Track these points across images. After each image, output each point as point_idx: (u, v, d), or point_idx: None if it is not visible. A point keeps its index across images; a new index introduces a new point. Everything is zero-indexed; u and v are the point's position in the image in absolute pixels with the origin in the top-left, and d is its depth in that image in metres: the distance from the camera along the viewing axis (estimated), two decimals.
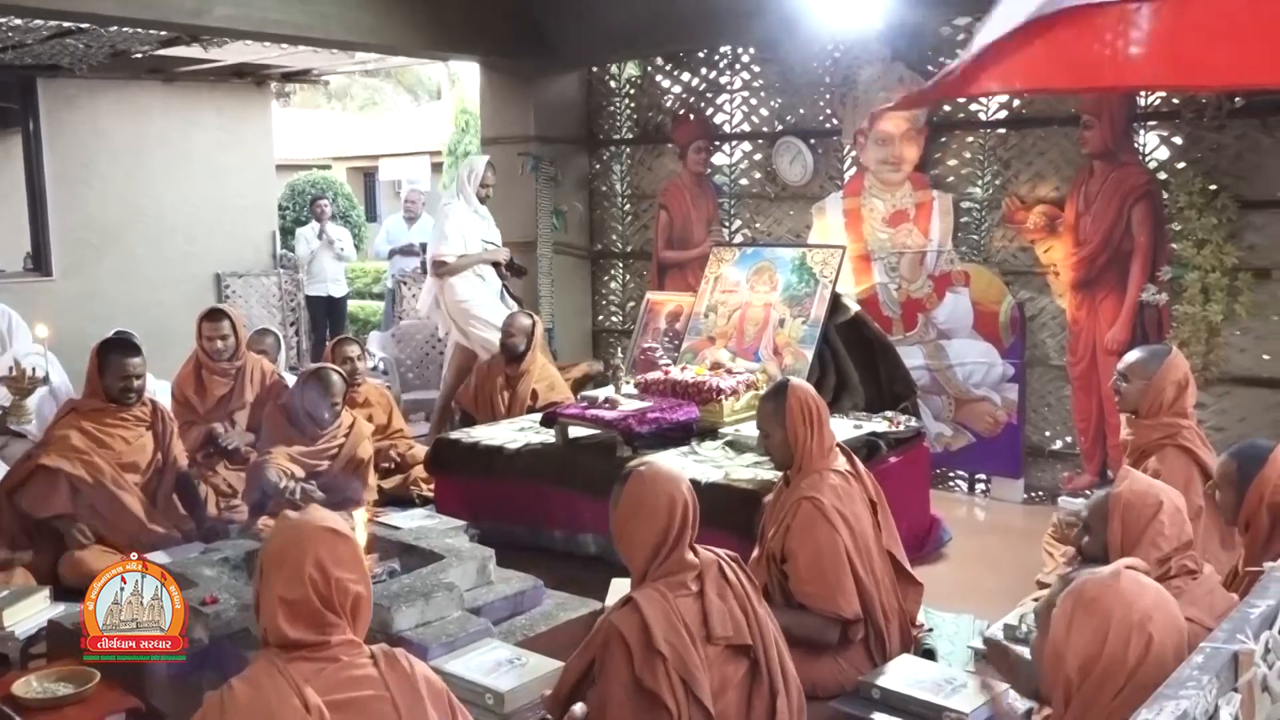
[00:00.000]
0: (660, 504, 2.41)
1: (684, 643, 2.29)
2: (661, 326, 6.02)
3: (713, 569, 2.44)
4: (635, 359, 5.94)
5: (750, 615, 2.42)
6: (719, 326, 5.39)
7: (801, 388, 3.19)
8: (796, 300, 5.16)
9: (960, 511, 5.38)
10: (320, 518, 1.91)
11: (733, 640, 2.37)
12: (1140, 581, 1.71)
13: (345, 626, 1.84)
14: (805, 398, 3.15)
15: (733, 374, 4.82)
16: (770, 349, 5.14)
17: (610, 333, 7.38)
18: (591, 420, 4.44)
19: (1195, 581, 2.33)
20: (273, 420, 4.68)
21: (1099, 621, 1.66)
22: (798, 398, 3.15)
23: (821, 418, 3.15)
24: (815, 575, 2.95)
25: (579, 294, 7.30)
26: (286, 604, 1.80)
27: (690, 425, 4.49)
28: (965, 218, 5.64)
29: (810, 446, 3.10)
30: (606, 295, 7.38)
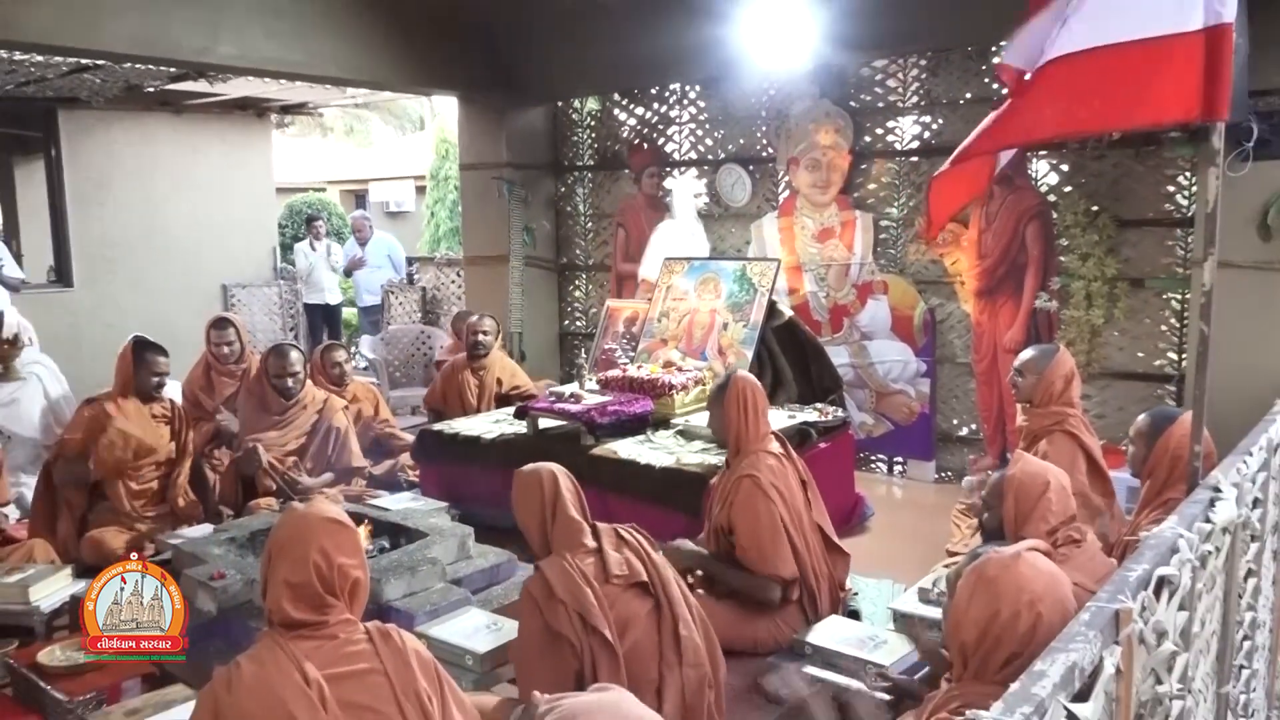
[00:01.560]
0: (532, 483, 2.51)
1: (579, 588, 2.35)
2: (620, 330, 6.02)
3: (610, 534, 2.51)
4: (597, 359, 5.90)
5: (646, 561, 2.47)
6: (670, 330, 5.36)
7: (744, 379, 3.23)
8: (738, 307, 5.14)
9: (881, 490, 5.39)
10: (324, 510, 1.89)
11: (630, 579, 2.41)
12: (1036, 565, 1.71)
13: (343, 608, 1.83)
14: (745, 387, 3.19)
15: (683, 371, 4.81)
16: (715, 349, 5.11)
17: (575, 336, 7.33)
18: (559, 413, 4.43)
19: (1079, 549, 2.35)
20: (245, 404, 4.63)
21: (993, 599, 1.69)
22: (738, 387, 3.18)
23: (758, 406, 3.17)
24: (756, 542, 2.98)
25: (547, 302, 7.25)
26: (291, 587, 1.79)
27: (646, 417, 4.50)
28: (884, 234, 5.63)
29: (746, 429, 3.13)
30: (571, 303, 7.32)
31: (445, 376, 5.57)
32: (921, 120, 5.50)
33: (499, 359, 5.57)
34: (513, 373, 5.58)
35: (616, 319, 6.13)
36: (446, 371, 5.60)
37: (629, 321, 6.02)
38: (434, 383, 5.73)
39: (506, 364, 5.63)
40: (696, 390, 4.70)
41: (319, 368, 5.02)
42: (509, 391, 5.45)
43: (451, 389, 5.49)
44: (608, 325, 6.14)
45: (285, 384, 4.46)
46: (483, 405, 5.40)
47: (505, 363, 5.62)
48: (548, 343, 7.27)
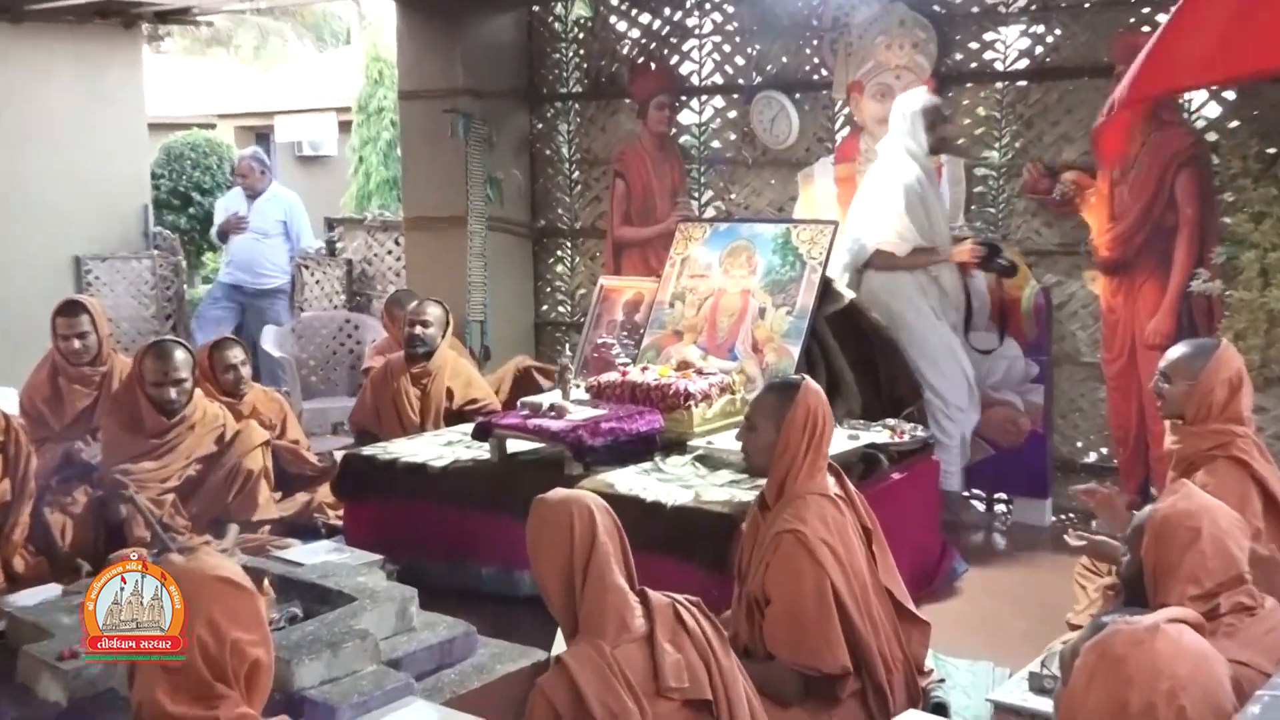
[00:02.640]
0: (557, 522, 2.54)
1: (622, 704, 2.32)
2: (618, 318, 6.04)
3: (667, 613, 2.49)
4: (587, 357, 5.92)
5: (713, 667, 2.45)
6: (687, 318, 5.42)
7: (817, 394, 3.24)
8: (780, 286, 5.19)
9: (977, 539, 5.37)
10: (213, 565, 1.90)
11: (690, 694, 2.40)
12: (1180, 642, 1.72)
13: (238, 699, 1.83)
14: (817, 406, 3.20)
15: (704, 375, 4.82)
16: (748, 345, 5.17)
17: (556, 326, 7.33)
18: (534, 432, 4.44)
19: (1253, 619, 2.33)
20: (108, 422, 4.61)
21: (1120, 685, 1.68)
22: (808, 403, 3.18)
23: (824, 434, 3.19)
24: (793, 621, 2.97)
25: (518, 280, 7.28)
26: (168, 672, 1.79)
27: (653, 437, 4.52)
28: (980, 187, 5.64)
29: (801, 463, 3.12)
30: (551, 281, 7.36)
31: (377, 383, 5.61)
32: (1032, 31, 5.49)
33: (450, 360, 5.60)
34: (468, 381, 5.66)
35: (613, 303, 6.14)
36: (379, 377, 5.63)
37: (630, 307, 6.04)
38: (363, 391, 5.78)
39: (461, 368, 5.67)
40: (723, 401, 4.72)
41: (206, 372, 5.00)
42: (463, 406, 5.50)
43: (386, 400, 5.53)
44: (601, 312, 6.14)
45: (166, 395, 4.46)
46: (429, 423, 5.43)
47: (459, 366, 5.67)
48: (520, 335, 7.27)
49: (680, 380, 4.73)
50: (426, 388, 5.53)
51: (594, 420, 4.46)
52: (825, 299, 5.10)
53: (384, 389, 5.56)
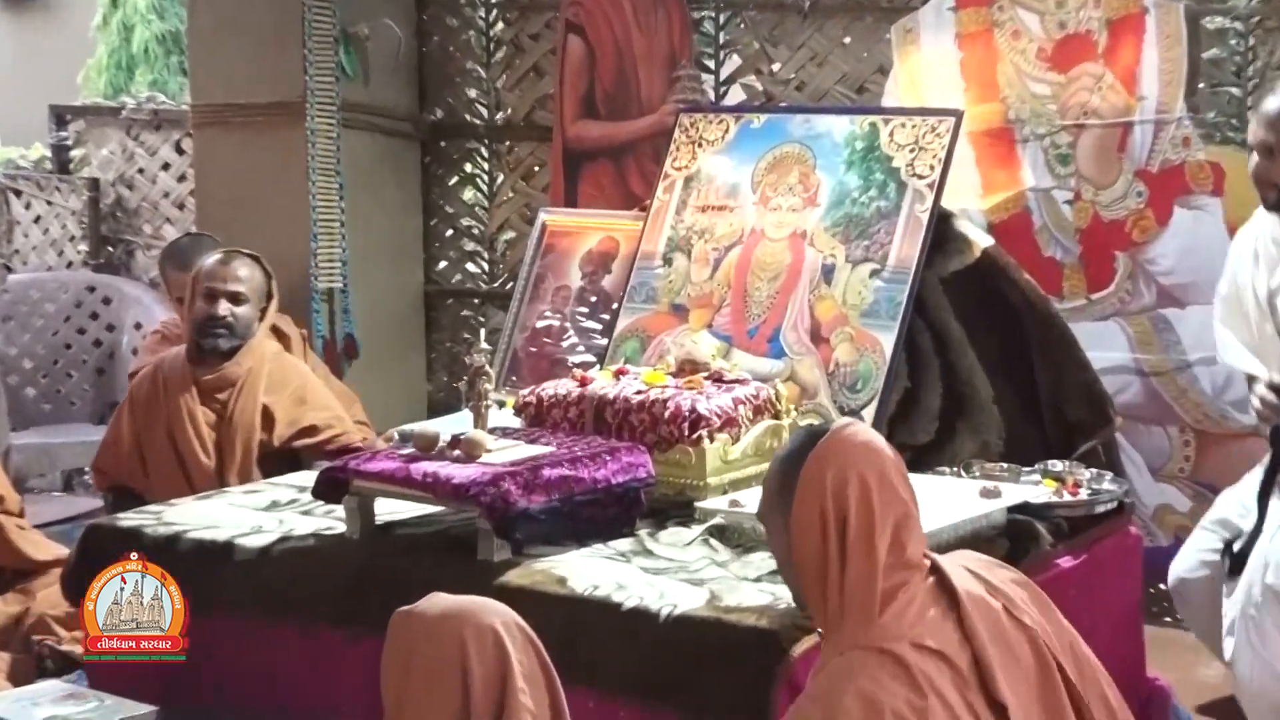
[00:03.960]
0: (442, 663, 2.67)
1: None
2: (572, 283, 6.04)
3: None
4: (517, 352, 5.95)
5: None
6: (695, 284, 5.39)
7: (845, 454, 3.12)
8: (860, 227, 5.15)
9: (1207, 673, 5.30)
10: None
11: None
12: None
13: None
14: (844, 480, 3.09)
15: (724, 384, 4.72)
16: (804, 331, 5.12)
17: (462, 296, 7.39)
18: (423, 486, 4.26)
19: None
20: None
21: None
22: (823, 480, 3.12)
23: (866, 529, 3.06)
24: None
25: (397, 214, 7.33)
26: None
27: (634, 495, 4.40)
28: (1215, 49, 5.63)
29: (834, 589, 3.09)
30: (455, 218, 7.43)
31: (141, 402, 5.61)
32: None
33: (270, 360, 5.63)
34: (300, 397, 5.66)
35: (564, 256, 6.14)
36: (144, 391, 5.65)
37: (594, 263, 6.08)
38: (117, 416, 5.78)
39: (289, 373, 5.69)
40: (759, 430, 4.63)
41: None
42: (293, 440, 5.43)
43: (157, 431, 5.51)
44: (544, 272, 6.15)
45: None
46: (231, 471, 5.42)
47: (286, 370, 5.69)
48: (401, 310, 7.37)
49: (684, 394, 4.60)
50: (228, 408, 5.49)
51: (529, 464, 4.27)
52: (942, 250, 5.04)
53: (153, 411, 5.48)
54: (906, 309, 4.99)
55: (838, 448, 3.13)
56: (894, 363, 4.94)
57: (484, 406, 4.66)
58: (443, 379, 7.35)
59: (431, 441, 4.47)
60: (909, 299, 5.00)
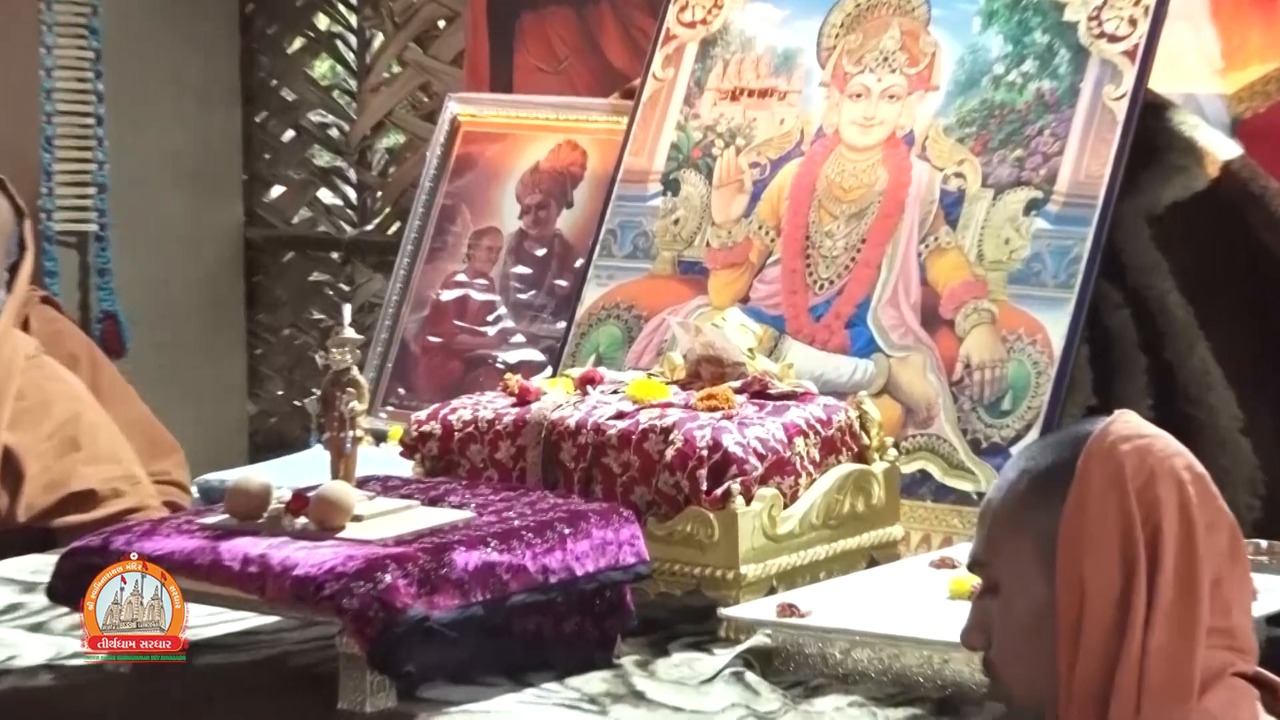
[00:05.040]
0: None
1: None
2: (506, 225, 5.24)
3: None
4: (409, 342, 5.29)
5: None
6: (722, 224, 4.55)
7: (1150, 452, 2.78)
8: (1008, 124, 4.38)
9: None
10: None
11: None
12: None
13: None
14: (1155, 494, 2.81)
15: (770, 401, 3.97)
16: (911, 304, 4.30)
17: (310, 248, 6.69)
18: (242, 580, 3.60)
19: None
20: None
21: None
22: (1130, 492, 2.80)
23: (1196, 566, 2.76)
24: None
25: (195, 105, 6.48)
26: None
27: (612, 596, 3.70)
28: None
29: (1150, 654, 2.72)
30: (297, 108, 6.69)
31: None
32: None
33: (26, 372, 5.15)
34: (68, 433, 5.18)
35: (492, 177, 5.41)
36: None
37: (546, 189, 5.32)
38: None
39: (53, 394, 5.23)
40: (829, 483, 3.94)
41: None
42: (48, 515, 4.85)
43: None
44: (454, 206, 5.38)
45: None
46: None
47: (47, 389, 5.20)
48: (204, 278, 6.51)
49: (700, 419, 3.80)
50: None
51: (430, 542, 3.53)
52: (1155, 167, 4.32)
53: None
54: (1090, 270, 4.14)
55: (1136, 455, 2.71)
56: (1068, 363, 4.11)
57: (349, 440, 3.89)
58: (275, 391, 6.48)
59: (256, 502, 3.70)
60: (1094, 252, 4.14)
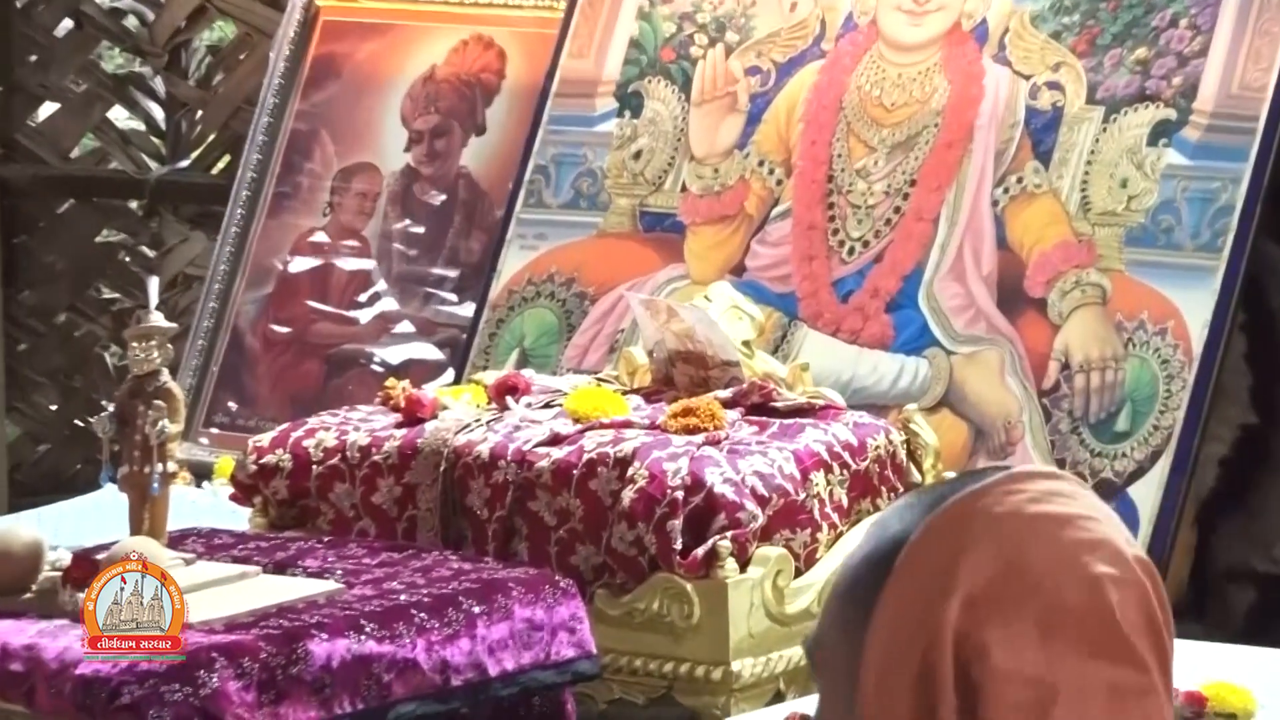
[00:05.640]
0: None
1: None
2: (386, 161, 4.74)
3: None
4: (242, 333, 4.76)
5: None
6: (705, 159, 3.99)
7: (1001, 524, 2.11)
8: (1123, 15, 3.84)
9: None
10: None
11: None
12: None
13: None
14: (980, 588, 2.12)
15: (773, 418, 3.74)
16: (984, 274, 3.79)
17: (93, 193, 5.64)
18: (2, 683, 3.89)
19: None
20: None
21: None
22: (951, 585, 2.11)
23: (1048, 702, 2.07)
24: None
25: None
26: None
27: (546, 705, 3.93)
28: None
29: None
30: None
31: None
32: None
33: None
34: None
35: (364, 87, 5.18)
36: None
37: (444, 107, 4.89)
38: None
39: None
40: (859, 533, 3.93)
41: None
42: None
43: None
44: (310, 134, 5.07)
45: None
46: None
47: None
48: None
49: (672, 445, 3.57)
50: None
51: (274, 627, 3.56)
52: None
53: None
54: (1247, 227, 3.53)
55: (978, 528, 1.82)
56: (1212, 363, 3.55)
57: (157, 477, 3.79)
58: (46, 406, 5.51)
59: (20, 568, 3.70)
60: (1252, 200, 3.55)
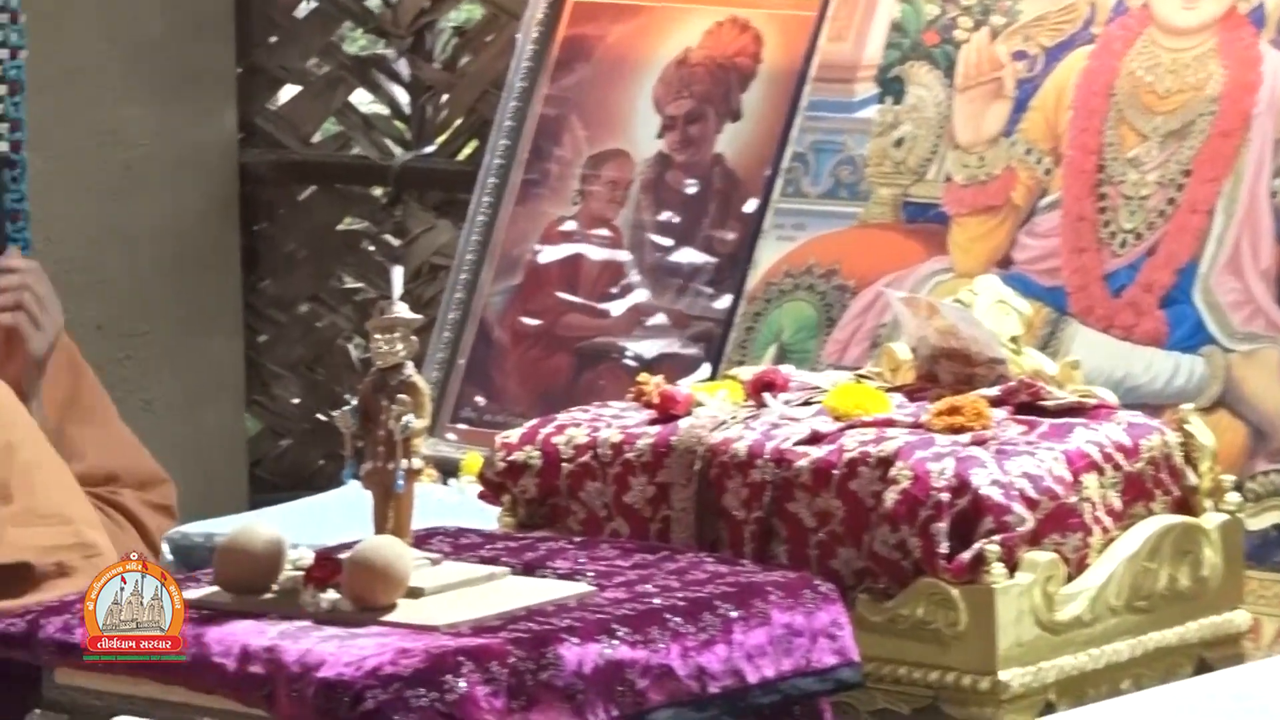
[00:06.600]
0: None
1: None
2: (639, 148, 4.71)
3: None
4: (488, 324, 4.77)
5: None
6: (970, 146, 3.97)
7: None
8: None
9: None
10: None
11: None
12: None
13: None
14: None
15: (1043, 417, 3.49)
16: (1267, 264, 3.71)
17: (339, 178, 5.53)
18: (237, 684, 3.01)
19: None
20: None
21: None
22: None
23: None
24: None
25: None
26: None
27: (804, 711, 3.08)
28: None
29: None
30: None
31: None
32: None
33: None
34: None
35: (616, 71, 5.17)
36: None
37: (698, 92, 4.81)
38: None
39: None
40: (1138, 543, 3.60)
41: None
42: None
43: None
44: (560, 119, 4.98)
45: None
46: None
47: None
48: (180, 226, 5.34)
49: (937, 444, 3.29)
50: None
51: (523, 632, 2.91)
52: None
53: None
54: None
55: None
56: None
57: (402, 474, 3.08)
58: (287, 400, 5.43)
59: (261, 568, 3.03)
60: None
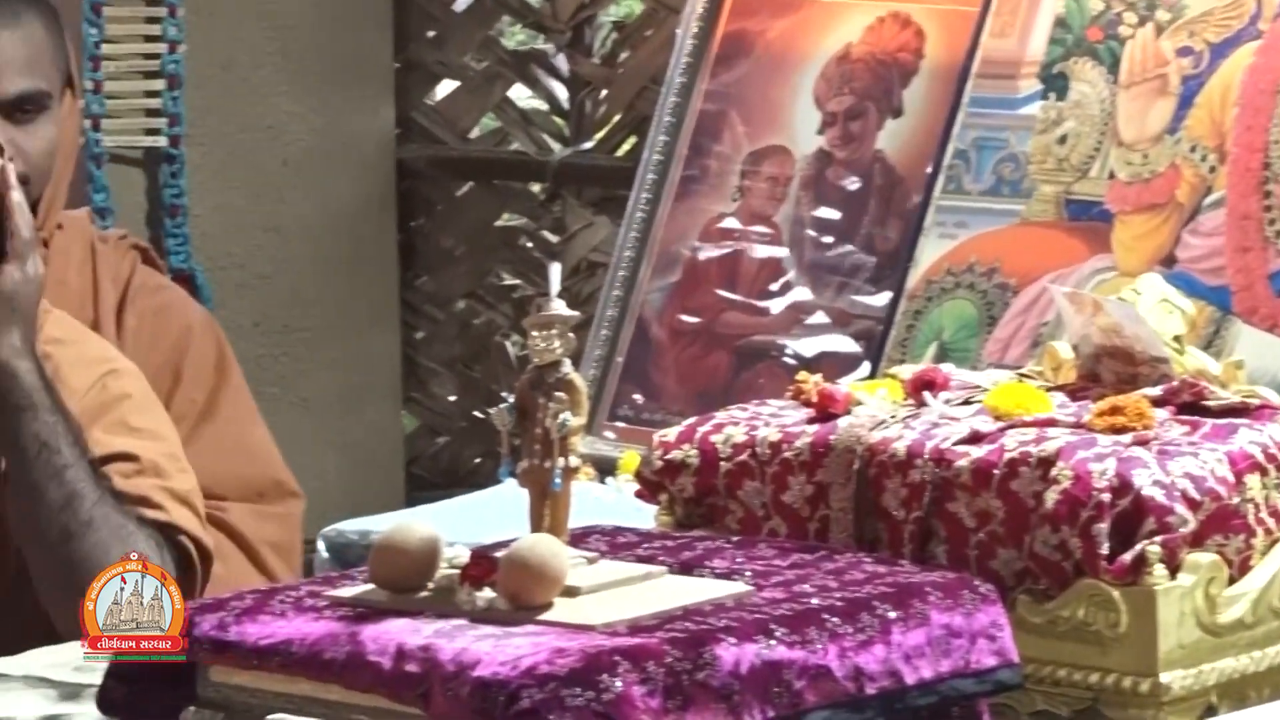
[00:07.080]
0: None
1: None
2: (799, 145, 4.94)
3: None
4: (647, 323, 4.85)
5: None
6: (1134, 144, 3.98)
7: None
8: None
9: None
10: None
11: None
12: None
13: None
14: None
15: (1207, 418, 3.24)
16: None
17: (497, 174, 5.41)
18: (393, 682, 2.69)
19: None
20: None
21: None
22: None
23: None
24: None
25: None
26: None
27: (964, 713, 2.83)
28: None
29: None
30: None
31: None
32: None
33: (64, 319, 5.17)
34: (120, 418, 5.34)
35: (777, 68, 5.48)
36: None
37: (859, 88, 5.04)
38: None
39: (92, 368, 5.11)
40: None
41: None
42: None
43: None
44: (720, 115, 5.09)
45: None
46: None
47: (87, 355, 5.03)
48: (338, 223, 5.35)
49: (1099, 445, 3.11)
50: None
51: (680, 632, 2.64)
52: None
53: None
54: None
55: None
56: None
57: (559, 472, 2.95)
58: (444, 397, 5.41)
59: (417, 566, 2.85)
60: None
